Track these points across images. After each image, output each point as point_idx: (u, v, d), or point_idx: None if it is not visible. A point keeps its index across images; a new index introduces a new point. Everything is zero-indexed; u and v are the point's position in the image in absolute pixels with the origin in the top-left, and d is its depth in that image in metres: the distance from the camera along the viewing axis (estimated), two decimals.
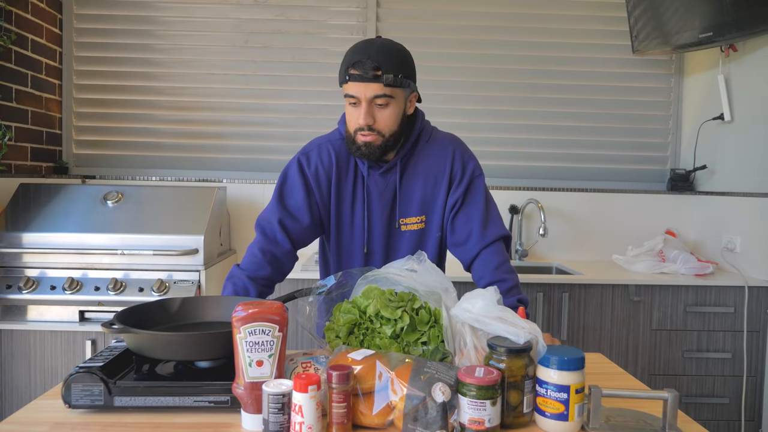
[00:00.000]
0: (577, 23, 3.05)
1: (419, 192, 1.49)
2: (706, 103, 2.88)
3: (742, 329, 2.45)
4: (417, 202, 1.50)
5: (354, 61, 1.36)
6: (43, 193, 2.48)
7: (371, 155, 1.42)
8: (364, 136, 1.39)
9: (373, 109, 1.37)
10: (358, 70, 1.35)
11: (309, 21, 3.00)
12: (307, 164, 1.49)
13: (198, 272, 2.33)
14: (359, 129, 1.39)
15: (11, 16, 2.54)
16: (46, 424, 0.99)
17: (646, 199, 3.00)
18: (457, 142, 1.55)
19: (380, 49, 1.37)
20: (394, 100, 1.38)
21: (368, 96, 1.35)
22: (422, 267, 1.19)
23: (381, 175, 1.49)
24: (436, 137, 1.54)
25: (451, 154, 1.51)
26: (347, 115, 1.43)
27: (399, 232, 1.51)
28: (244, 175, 3.00)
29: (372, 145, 1.40)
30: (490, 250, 1.48)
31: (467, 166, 1.51)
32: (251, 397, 0.97)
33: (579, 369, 0.98)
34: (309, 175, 1.49)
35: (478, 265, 1.49)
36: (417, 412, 0.93)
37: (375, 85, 1.34)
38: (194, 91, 3.00)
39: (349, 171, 1.49)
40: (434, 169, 1.50)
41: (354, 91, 1.36)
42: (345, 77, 1.37)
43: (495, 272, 1.46)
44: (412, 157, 1.50)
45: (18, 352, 2.27)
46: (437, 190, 1.50)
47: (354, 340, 1.12)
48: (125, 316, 1.14)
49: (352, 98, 1.38)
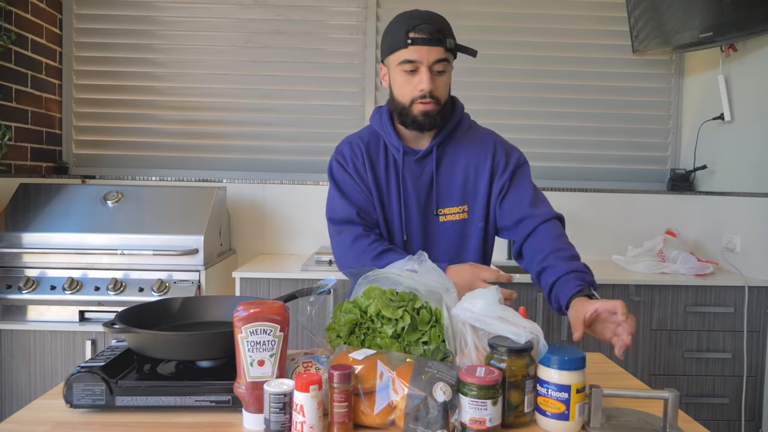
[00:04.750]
0: (577, 23, 3.05)
1: (460, 181, 1.46)
2: (706, 103, 2.88)
3: (742, 329, 2.45)
4: (458, 192, 1.46)
5: (415, 25, 1.32)
6: (43, 193, 2.48)
7: (432, 124, 1.38)
8: (425, 104, 1.35)
9: (433, 76, 1.34)
10: (422, 33, 1.32)
11: (309, 21, 3.00)
12: (345, 161, 1.47)
13: (198, 272, 2.33)
14: (419, 97, 1.35)
15: (11, 16, 2.54)
16: (48, 424, 0.98)
17: (646, 199, 3.00)
18: (497, 135, 1.54)
19: (434, 14, 1.36)
20: (449, 68, 1.38)
21: (431, 60, 1.33)
22: (423, 267, 1.18)
23: (416, 162, 1.45)
24: (476, 128, 1.53)
25: (492, 144, 1.49)
26: (400, 86, 1.38)
27: (437, 222, 1.46)
28: (244, 175, 3.00)
29: (431, 114, 1.37)
30: (546, 226, 1.41)
31: (511, 155, 1.49)
32: (252, 396, 0.97)
33: (580, 369, 0.98)
34: (351, 171, 1.47)
35: (532, 241, 1.41)
36: (418, 411, 0.93)
37: (438, 48, 1.33)
38: (194, 91, 3.00)
39: (380, 159, 1.47)
40: (475, 158, 1.46)
41: (416, 55, 1.32)
42: (405, 41, 1.32)
43: (555, 242, 1.37)
44: (449, 145, 1.47)
45: (18, 352, 2.27)
46: (479, 179, 1.46)
47: (355, 339, 1.12)
48: (126, 316, 1.14)
49: (410, 64, 1.34)
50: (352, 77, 3.02)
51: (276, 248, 2.97)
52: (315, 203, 2.93)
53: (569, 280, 1.27)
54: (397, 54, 1.35)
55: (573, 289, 1.25)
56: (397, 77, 1.38)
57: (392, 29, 1.37)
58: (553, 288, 1.30)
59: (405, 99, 1.38)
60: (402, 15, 1.38)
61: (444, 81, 1.38)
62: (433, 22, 1.34)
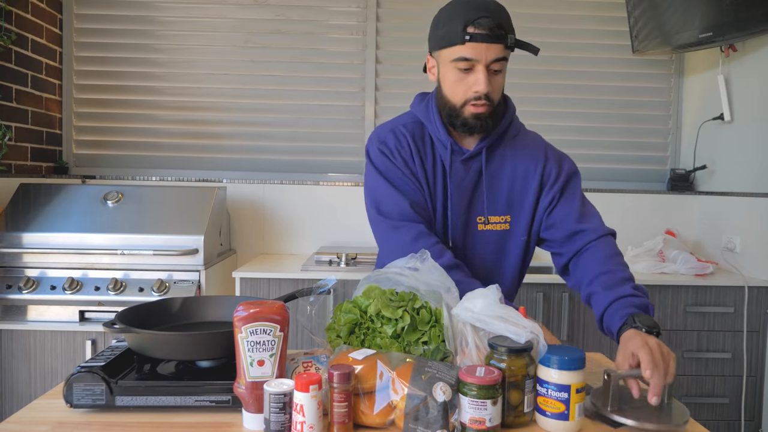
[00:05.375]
0: (577, 23, 3.05)
1: (505, 189, 1.35)
2: (706, 103, 2.88)
3: (742, 329, 2.45)
4: (503, 200, 1.35)
5: (474, 19, 1.19)
6: (43, 193, 2.48)
7: (483, 127, 1.27)
8: (478, 106, 1.24)
9: (490, 75, 1.23)
10: (482, 29, 1.18)
11: (309, 21, 3.00)
12: (389, 153, 1.33)
13: (198, 272, 2.33)
14: (474, 98, 1.24)
15: (11, 16, 2.54)
16: (48, 424, 0.98)
17: (646, 199, 3.00)
18: (547, 142, 1.44)
19: (495, 5, 1.23)
20: (505, 67, 1.25)
21: (489, 59, 1.20)
22: (424, 266, 1.18)
23: (462, 162, 1.33)
24: (526, 133, 1.43)
25: (543, 152, 1.39)
26: (452, 84, 1.25)
27: (476, 230, 1.35)
28: (244, 175, 3.01)
29: (483, 116, 1.26)
30: (597, 244, 1.31)
31: (563, 165, 1.40)
32: (252, 396, 0.97)
33: (580, 368, 0.98)
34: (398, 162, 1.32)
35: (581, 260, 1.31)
36: (418, 411, 0.93)
37: (497, 46, 1.20)
38: (194, 91, 3.00)
39: (428, 153, 1.34)
40: (523, 166, 1.36)
41: (474, 53, 1.20)
42: (462, 37, 1.19)
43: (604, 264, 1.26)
44: (498, 149, 1.36)
45: (18, 352, 2.27)
46: (526, 189, 1.35)
47: (355, 339, 1.12)
48: (126, 316, 1.14)
49: (466, 62, 1.21)
50: (352, 77, 3.02)
51: (276, 248, 2.97)
52: (315, 203, 2.93)
53: (616, 310, 1.19)
54: (451, 50, 1.23)
55: (619, 322, 1.17)
56: (448, 74, 1.26)
57: (446, 19, 1.24)
58: (603, 319, 1.23)
59: (457, 99, 1.27)
60: (457, 3, 1.24)
61: (500, 81, 1.27)
62: (494, 15, 1.20)
